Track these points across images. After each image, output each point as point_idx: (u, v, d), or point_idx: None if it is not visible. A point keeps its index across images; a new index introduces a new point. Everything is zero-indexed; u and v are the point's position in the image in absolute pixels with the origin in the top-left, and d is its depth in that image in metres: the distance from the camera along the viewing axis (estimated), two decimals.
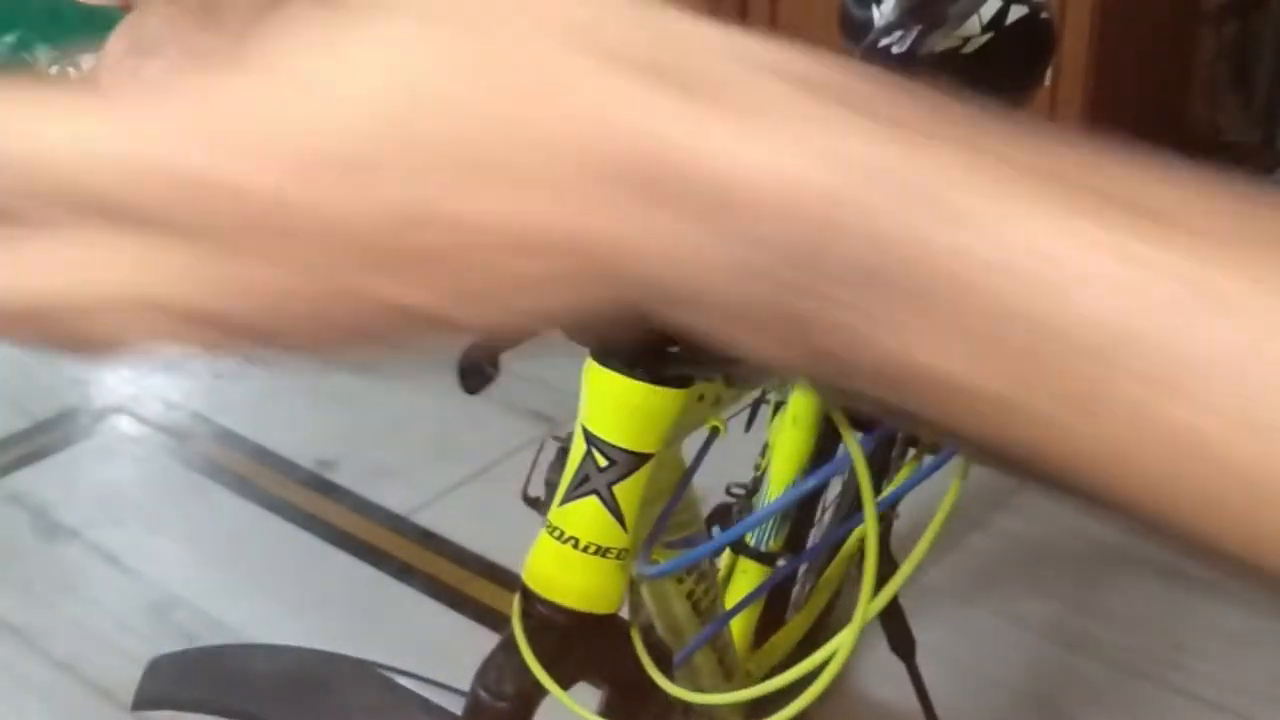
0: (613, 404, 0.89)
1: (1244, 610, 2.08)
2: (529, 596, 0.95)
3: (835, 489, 1.52)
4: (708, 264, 0.29)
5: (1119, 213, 0.30)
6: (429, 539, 2.30)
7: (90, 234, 0.28)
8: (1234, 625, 2.06)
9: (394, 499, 2.38)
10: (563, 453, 1.27)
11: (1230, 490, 0.28)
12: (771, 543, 1.48)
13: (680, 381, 0.86)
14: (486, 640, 2.06)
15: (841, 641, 0.84)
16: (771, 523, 1.47)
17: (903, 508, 1.34)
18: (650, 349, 0.81)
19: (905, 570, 0.83)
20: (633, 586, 1.02)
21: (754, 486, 1.51)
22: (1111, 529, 0.57)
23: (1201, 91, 3.47)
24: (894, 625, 1.51)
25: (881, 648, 1.54)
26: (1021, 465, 0.31)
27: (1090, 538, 2.22)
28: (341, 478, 2.45)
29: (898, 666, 1.60)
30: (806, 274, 0.29)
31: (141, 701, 1.17)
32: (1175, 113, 3.45)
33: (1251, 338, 0.28)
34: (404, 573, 2.22)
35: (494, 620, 2.13)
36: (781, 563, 1.45)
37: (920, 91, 0.30)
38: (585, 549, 0.93)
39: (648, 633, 1.01)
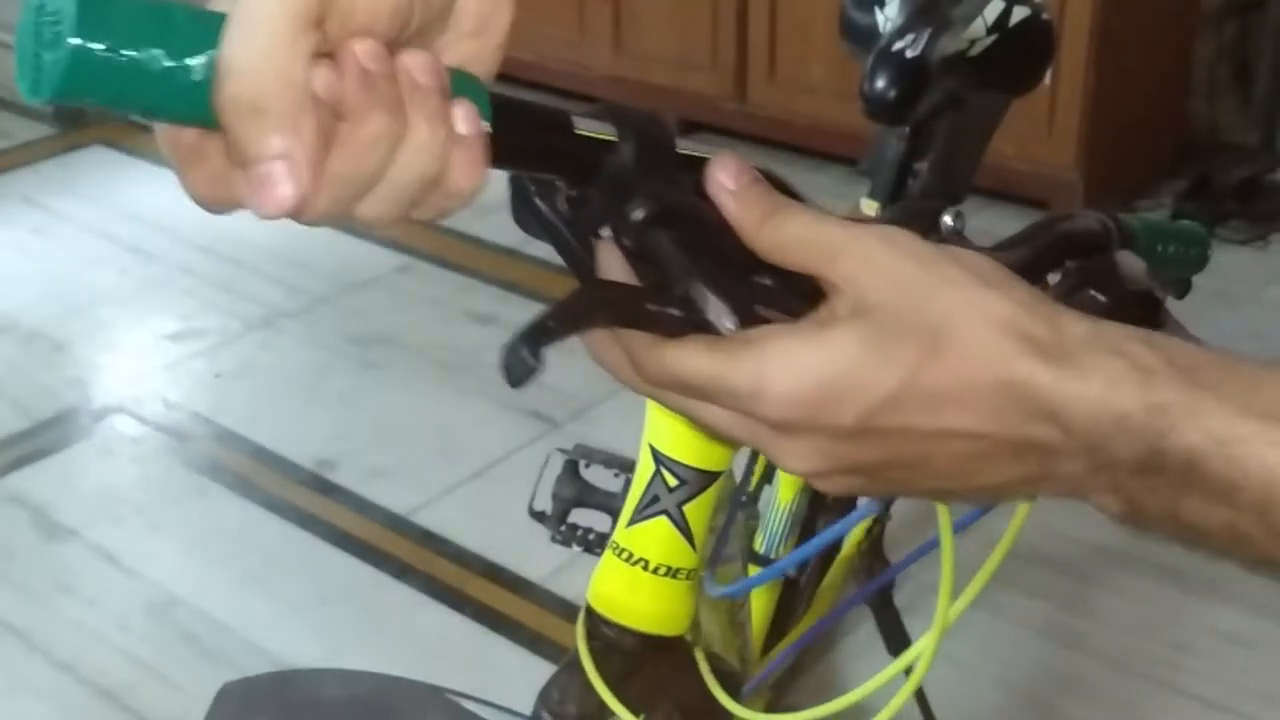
0: (683, 422, 0.87)
1: (1243, 610, 2.09)
2: (595, 619, 0.93)
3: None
4: (1074, 459, 0.53)
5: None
6: (429, 539, 2.30)
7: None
8: (1233, 625, 2.06)
9: (394, 499, 2.39)
10: (570, 466, 1.26)
11: None
12: (782, 549, 1.48)
13: None
14: (486, 640, 2.08)
15: (923, 648, 0.83)
16: (782, 530, 1.47)
17: (896, 510, 1.34)
18: None
19: (981, 578, 0.82)
20: None
21: (755, 492, 1.51)
22: (1108, 530, 0.57)
23: (1201, 91, 3.48)
24: (890, 626, 1.51)
25: (878, 648, 1.54)
26: (1247, 563, 0.55)
27: (1087, 539, 2.22)
28: (341, 478, 2.45)
29: (888, 665, 1.60)
30: (1126, 470, 0.52)
31: None
32: (1175, 113, 3.46)
33: None
34: (404, 573, 2.23)
35: (494, 620, 2.13)
36: (792, 571, 1.45)
37: (1165, 347, 0.53)
38: (655, 570, 0.90)
39: (712, 654, 0.99)
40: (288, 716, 1.12)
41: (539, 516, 1.27)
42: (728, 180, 0.57)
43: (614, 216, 0.57)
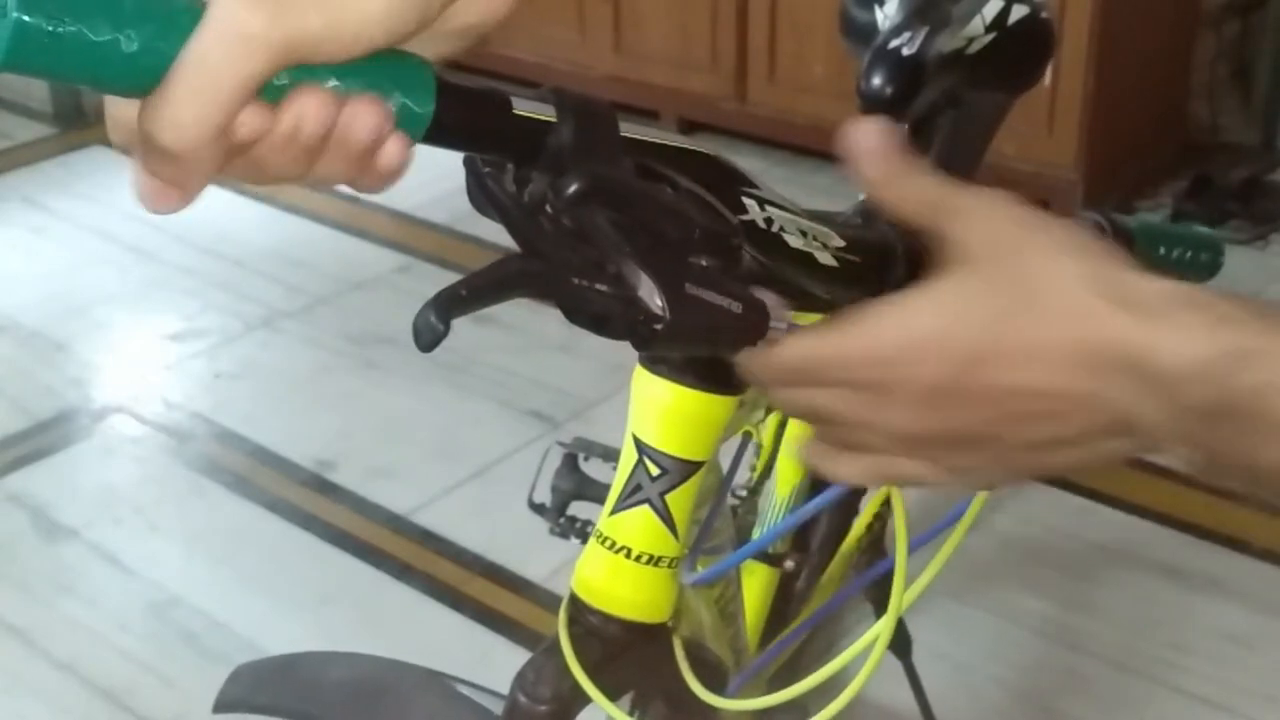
0: (665, 412, 0.87)
1: (1243, 609, 2.09)
2: (578, 605, 0.94)
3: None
4: (1153, 410, 0.55)
5: None
6: (429, 539, 2.30)
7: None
8: (1233, 625, 2.06)
9: (394, 499, 2.39)
10: (569, 459, 1.26)
11: None
12: (781, 543, 1.48)
13: (733, 388, 0.85)
14: (486, 640, 2.08)
15: (880, 629, 0.84)
16: (780, 523, 1.48)
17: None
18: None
19: (940, 559, 0.83)
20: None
21: (756, 486, 1.51)
22: (1109, 529, 0.58)
23: (1201, 91, 3.48)
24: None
25: None
26: None
27: (1086, 537, 2.22)
28: (341, 478, 2.45)
29: (895, 665, 1.60)
30: (1203, 416, 0.53)
31: (221, 705, 1.20)
32: (1175, 113, 3.46)
33: None
34: (404, 573, 2.23)
35: (494, 620, 2.13)
36: (789, 564, 1.45)
37: (1246, 302, 0.54)
38: (638, 559, 0.91)
39: (690, 642, 1.00)
40: (292, 695, 1.17)
41: (538, 509, 1.27)
42: (868, 141, 0.61)
43: (551, 194, 0.58)
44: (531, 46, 3.75)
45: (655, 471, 0.90)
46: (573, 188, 0.57)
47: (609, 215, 0.58)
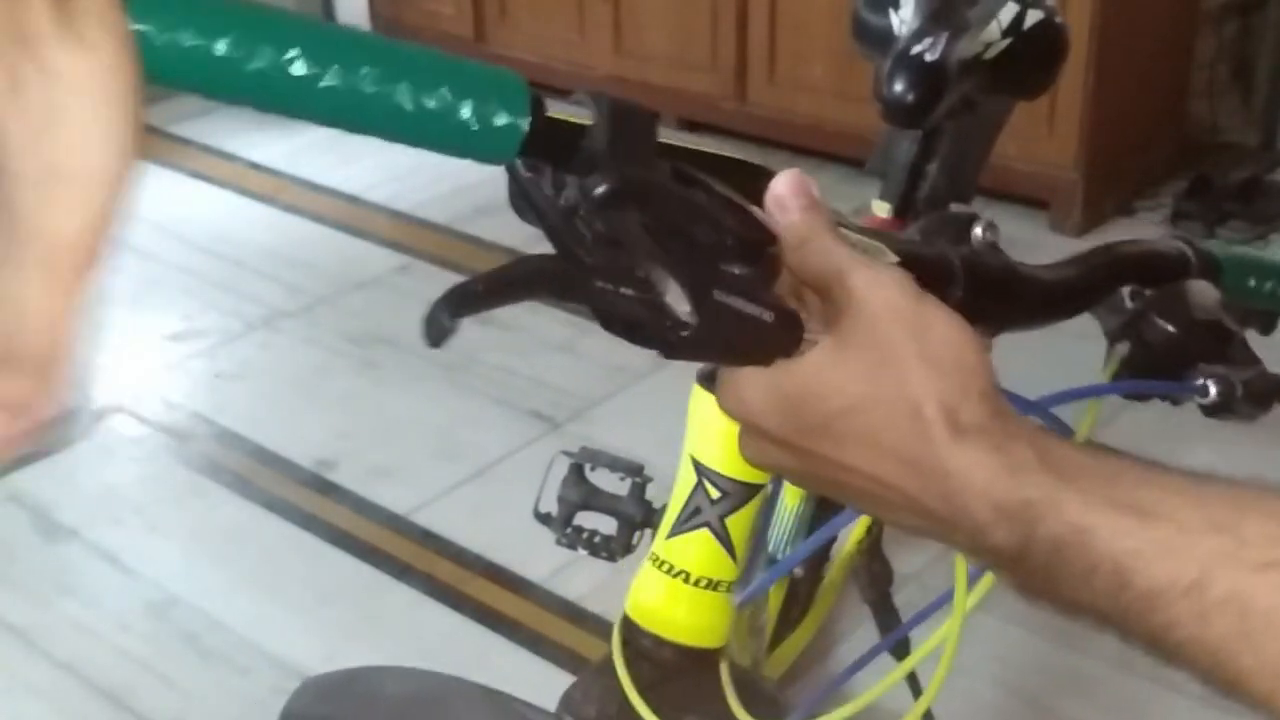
0: (725, 433, 0.85)
1: None
2: (633, 629, 0.93)
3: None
4: (963, 539, 0.59)
5: (1136, 516, 0.56)
6: (429, 539, 2.30)
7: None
8: None
9: (394, 499, 2.39)
10: (575, 469, 1.25)
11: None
12: (789, 550, 1.48)
13: None
14: (486, 640, 2.08)
15: (949, 632, 0.84)
16: (790, 532, 1.47)
17: None
18: None
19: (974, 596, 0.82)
20: None
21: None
22: None
23: (1201, 91, 3.48)
24: (889, 625, 1.51)
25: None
26: (1135, 643, 0.61)
27: None
28: (341, 478, 2.45)
29: (893, 666, 1.60)
30: (998, 550, 0.58)
31: (285, 718, 1.22)
32: (1175, 113, 3.46)
33: (1190, 560, 0.56)
34: (404, 573, 2.23)
35: (494, 620, 2.13)
36: (798, 571, 1.45)
37: (1057, 448, 0.58)
38: (696, 583, 0.90)
39: (741, 669, 0.98)
40: (352, 708, 1.19)
41: (544, 519, 1.26)
42: (783, 191, 0.61)
43: (580, 195, 0.57)
44: (531, 46, 3.75)
45: (715, 494, 0.88)
46: (601, 188, 0.56)
47: (639, 219, 0.57)
